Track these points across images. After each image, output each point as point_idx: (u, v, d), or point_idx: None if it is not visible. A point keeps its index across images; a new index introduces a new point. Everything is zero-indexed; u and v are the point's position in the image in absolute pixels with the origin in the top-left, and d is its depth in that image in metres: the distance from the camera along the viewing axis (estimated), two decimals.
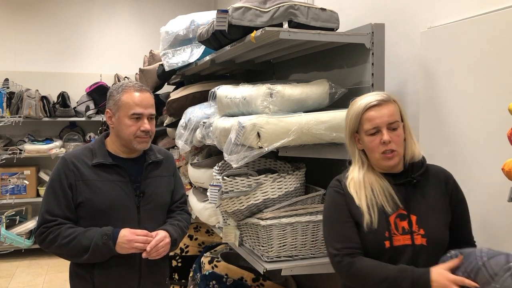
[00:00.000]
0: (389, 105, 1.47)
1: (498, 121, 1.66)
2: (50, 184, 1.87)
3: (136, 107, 1.85)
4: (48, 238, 1.80)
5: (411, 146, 1.50)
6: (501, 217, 1.67)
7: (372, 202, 1.44)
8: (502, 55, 1.64)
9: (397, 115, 1.48)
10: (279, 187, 2.01)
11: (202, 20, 2.97)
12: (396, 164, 1.48)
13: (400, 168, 1.50)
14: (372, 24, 1.95)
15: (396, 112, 1.48)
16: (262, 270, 1.94)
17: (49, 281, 4.37)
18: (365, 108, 1.47)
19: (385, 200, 1.44)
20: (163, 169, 2.03)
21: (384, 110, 1.45)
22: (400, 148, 1.47)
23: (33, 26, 5.50)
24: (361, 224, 1.45)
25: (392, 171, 1.50)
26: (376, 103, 1.46)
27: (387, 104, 1.46)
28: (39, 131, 5.49)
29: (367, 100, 1.48)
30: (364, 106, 1.48)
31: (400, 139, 1.47)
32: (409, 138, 1.51)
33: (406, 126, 1.51)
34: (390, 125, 1.45)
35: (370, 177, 1.48)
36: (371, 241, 1.43)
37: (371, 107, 1.47)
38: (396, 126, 1.46)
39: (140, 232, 1.82)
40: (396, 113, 1.47)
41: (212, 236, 3.46)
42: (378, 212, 1.43)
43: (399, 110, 1.50)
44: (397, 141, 1.45)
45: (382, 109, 1.46)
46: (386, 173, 1.50)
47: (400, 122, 1.49)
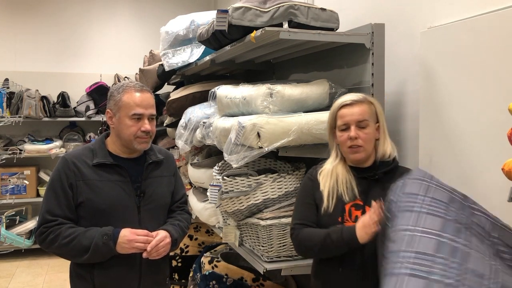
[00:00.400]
0: (362, 105, 1.62)
1: (498, 121, 1.66)
2: (51, 184, 1.87)
3: (136, 108, 1.85)
4: (49, 238, 1.80)
5: (383, 146, 1.63)
6: (501, 217, 1.67)
7: (333, 190, 1.61)
8: (502, 55, 1.64)
9: (368, 115, 1.62)
10: (279, 187, 2.01)
11: (202, 20, 2.98)
12: (362, 159, 1.62)
13: (368, 163, 1.63)
14: (372, 24, 1.95)
15: (367, 112, 1.62)
16: (262, 270, 1.94)
17: (49, 281, 4.37)
18: (339, 106, 1.65)
19: (345, 190, 1.60)
20: (163, 169, 2.03)
21: (355, 109, 1.61)
22: (367, 145, 1.61)
23: (33, 26, 5.50)
24: (319, 205, 1.64)
25: (360, 165, 1.64)
26: (349, 103, 1.62)
27: (360, 104, 1.62)
28: (39, 131, 5.49)
29: (342, 99, 1.65)
30: (339, 104, 1.65)
31: (368, 136, 1.61)
32: (383, 138, 1.63)
33: (381, 126, 1.64)
34: (359, 123, 1.60)
35: (339, 168, 1.65)
36: (325, 223, 1.60)
37: (344, 105, 1.63)
38: (364, 125, 1.61)
39: (140, 232, 1.82)
40: (366, 113, 1.61)
41: (212, 236, 3.46)
42: (336, 199, 1.60)
43: (374, 111, 1.64)
44: (364, 138, 1.60)
45: (354, 108, 1.61)
46: (355, 166, 1.65)
47: (372, 122, 1.62)
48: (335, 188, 1.61)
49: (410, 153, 2.17)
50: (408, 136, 2.19)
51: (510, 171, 1.21)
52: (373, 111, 1.64)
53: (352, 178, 1.62)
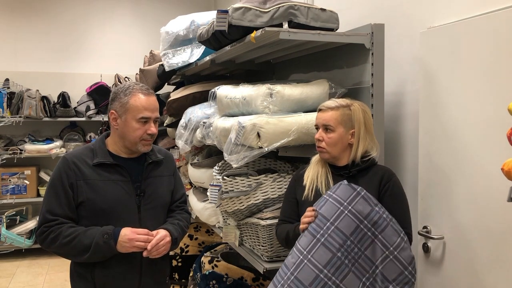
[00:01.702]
0: (333, 111, 1.73)
1: (497, 121, 1.66)
2: (51, 184, 1.87)
3: (144, 111, 1.86)
4: (49, 238, 1.81)
5: (355, 151, 1.73)
6: (501, 217, 1.67)
7: (313, 183, 1.76)
8: (502, 55, 1.64)
9: (336, 121, 1.72)
10: (279, 187, 2.01)
11: (202, 20, 2.98)
12: (327, 159, 1.77)
13: (342, 163, 1.76)
14: (372, 24, 1.95)
15: (336, 118, 1.72)
16: (262, 269, 1.94)
17: (50, 280, 4.38)
18: (318, 109, 1.79)
19: (323, 184, 1.74)
20: (163, 169, 2.03)
21: (325, 114, 1.74)
22: (330, 148, 1.73)
23: (34, 26, 5.51)
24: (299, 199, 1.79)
25: (336, 164, 1.77)
26: (323, 108, 1.75)
27: (332, 111, 1.73)
28: (40, 131, 5.50)
29: (323, 103, 1.78)
30: (319, 107, 1.79)
31: (331, 141, 1.72)
32: (356, 143, 1.73)
33: (356, 132, 1.73)
34: (325, 127, 1.73)
35: (320, 165, 1.79)
36: (305, 211, 1.67)
37: (320, 109, 1.77)
38: (329, 130, 1.72)
39: (141, 231, 1.83)
40: (333, 120, 1.72)
41: (212, 236, 3.46)
42: (315, 191, 1.74)
43: (350, 118, 1.73)
44: (327, 142, 1.73)
45: (325, 113, 1.74)
46: (332, 164, 1.78)
47: (341, 127, 1.72)
48: (315, 181, 1.76)
49: (410, 153, 2.17)
50: (408, 136, 2.19)
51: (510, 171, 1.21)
52: (348, 118, 1.73)
53: (330, 174, 1.76)
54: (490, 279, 1.72)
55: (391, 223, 1.57)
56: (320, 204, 1.60)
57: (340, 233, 1.53)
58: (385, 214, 1.57)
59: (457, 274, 1.87)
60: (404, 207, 1.71)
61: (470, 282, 1.81)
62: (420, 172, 2.05)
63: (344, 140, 1.73)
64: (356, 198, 1.57)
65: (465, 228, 1.82)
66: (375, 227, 1.55)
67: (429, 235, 1.98)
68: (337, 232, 1.53)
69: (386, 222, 1.56)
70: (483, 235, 1.75)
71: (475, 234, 1.78)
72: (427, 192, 2.02)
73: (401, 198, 1.71)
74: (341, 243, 1.53)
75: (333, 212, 1.56)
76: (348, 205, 1.56)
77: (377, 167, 1.76)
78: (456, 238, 1.88)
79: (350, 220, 1.54)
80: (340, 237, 1.53)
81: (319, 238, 1.54)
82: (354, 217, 1.54)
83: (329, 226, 1.54)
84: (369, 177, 1.72)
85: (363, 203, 1.56)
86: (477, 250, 1.77)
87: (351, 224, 1.54)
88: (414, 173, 2.13)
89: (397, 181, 1.73)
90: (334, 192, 1.59)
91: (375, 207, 1.57)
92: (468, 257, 1.81)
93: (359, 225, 1.54)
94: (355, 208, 1.55)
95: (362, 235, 1.54)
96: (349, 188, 1.58)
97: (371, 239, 1.55)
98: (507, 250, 1.65)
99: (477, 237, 1.77)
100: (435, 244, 1.97)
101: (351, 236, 1.53)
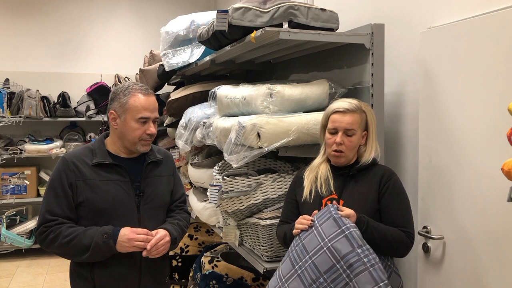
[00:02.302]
0: (353, 114, 1.71)
1: (497, 121, 1.66)
2: (51, 184, 1.87)
3: (144, 111, 1.87)
4: (49, 238, 1.81)
5: (366, 152, 1.74)
6: (501, 217, 1.67)
7: (313, 184, 1.76)
8: (502, 55, 1.64)
9: (357, 125, 1.71)
10: (279, 187, 2.01)
11: (202, 20, 2.98)
12: (342, 163, 1.75)
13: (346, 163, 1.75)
14: (372, 24, 1.95)
15: (357, 122, 1.71)
16: (262, 269, 1.94)
17: (50, 280, 4.38)
18: (333, 111, 1.73)
19: (324, 185, 1.73)
20: (162, 169, 2.03)
21: (346, 117, 1.70)
22: (349, 152, 1.72)
23: (34, 26, 5.51)
24: (299, 200, 1.79)
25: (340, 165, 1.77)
26: (342, 110, 1.71)
27: (351, 114, 1.71)
28: (40, 131, 5.50)
29: (337, 105, 1.73)
30: (333, 109, 1.73)
31: (352, 144, 1.71)
32: (369, 146, 1.74)
33: (369, 135, 1.75)
34: (347, 131, 1.70)
35: (321, 166, 1.78)
36: (305, 212, 1.69)
37: (337, 112, 1.72)
38: (351, 134, 1.70)
39: (140, 231, 1.83)
40: (355, 123, 1.70)
41: (212, 236, 3.46)
42: (315, 192, 1.74)
43: (365, 120, 1.73)
44: (348, 146, 1.71)
45: (345, 116, 1.70)
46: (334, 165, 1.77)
47: (359, 130, 1.72)
48: (315, 182, 1.76)
49: (410, 153, 2.17)
50: (408, 136, 2.19)
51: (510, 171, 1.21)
52: (363, 120, 1.73)
53: (330, 175, 1.75)
54: (490, 279, 1.72)
55: (370, 268, 1.44)
56: (306, 233, 1.57)
57: (315, 268, 1.50)
58: (367, 258, 1.46)
59: (457, 274, 1.87)
60: (405, 206, 1.71)
61: (470, 282, 1.81)
62: (420, 172, 2.05)
63: (359, 143, 1.74)
64: (339, 236, 1.49)
65: (465, 228, 1.82)
66: (350, 269, 1.46)
67: (429, 235, 1.98)
68: (312, 267, 1.50)
69: (363, 267, 1.44)
70: (483, 235, 1.75)
71: (475, 234, 1.78)
72: (427, 192, 2.02)
73: (401, 197, 1.71)
74: (314, 278, 1.49)
75: (314, 245, 1.53)
76: (329, 242, 1.50)
77: (378, 167, 1.76)
78: (456, 238, 1.87)
79: (327, 258, 1.49)
80: (314, 273, 1.49)
81: (297, 269, 1.54)
82: (331, 255, 1.48)
83: (307, 259, 1.52)
84: (369, 177, 1.72)
85: (344, 242, 1.48)
86: (477, 250, 1.77)
87: (327, 262, 1.48)
88: (414, 173, 2.13)
89: (397, 180, 1.73)
90: (320, 223, 1.55)
91: (357, 249, 1.46)
92: (468, 257, 1.81)
93: (335, 264, 1.47)
94: (334, 246, 1.48)
95: (337, 276, 1.47)
96: (334, 223, 1.52)
97: (346, 282, 1.46)
98: (507, 250, 1.65)
99: (477, 237, 1.77)
100: (435, 244, 1.97)
101: (325, 274, 1.48)
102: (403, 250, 1.67)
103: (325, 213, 1.56)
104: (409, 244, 1.67)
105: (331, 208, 1.56)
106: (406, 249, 1.67)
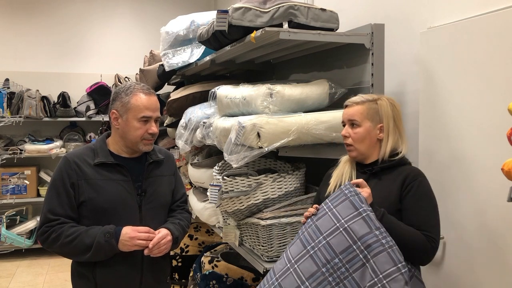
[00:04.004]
0: (359, 106, 1.68)
1: (497, 121, 1.66)
2: (52, 184, 1.87)
3: (146, 111, 1.87)
4: (51, 237, 1.81)
5: (385, 146, 1.67)
6: (501, 217, 1.67)
7: (337, 180, 1.72)
8: (502, 55, 1.64)
9: (362, 116, 1.66)
10: (279, 187, 2.01)
11: (202, 20, 2.98)
12: (355, 157, 1.71)
13: (371, 160, 1.69)
14: (372, 24, 1.96)
15: (362, 113, 1.66)
16: (262, 269, 1.94)
17: (50, 280, 4.38)
18: (344, 106, 1.75)
19: (346, 181, 1.67)
20: (163, 169, 2.03)
21: (350, 110, 1.69)
22: (357, 144, 1.67)
23: (34, 26, 5.51)
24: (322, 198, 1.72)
25: (363, 161, 1.71)
26: (349, 104, 1.71)
27: (357, 105, 1.68)
28: (40, 131, 5.50)
29: (348, 100, 1.73)
30: (344, 104, 1.75)
31: (357, 136, 1.67)
32: (386, 138, 1.67)
33: (385, 127, 1.67)
34: (351, 122, 1.69)
35: (347, 163, 1.75)
36: None
37: (346, 105, 1.73)
38: (355, 125, 1.67)
39: (142, 229, 1.83)
40: (359, 114, 1.66)
41: (212, 236, 3.46)
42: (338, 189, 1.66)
43: (377, 112, 1.67)
44: (354, 138, 1.68)
45: (350, 108, 1.70)
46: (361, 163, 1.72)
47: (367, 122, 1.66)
48: (339, 179, 1.72)
49: (410, 152, 2.17)
50: (408, 136, 2.19)
51: (510, 171, 1.21)
52: (374, 112, 1.66)
53: (354, 172, 1.71)
54: (490, 279, 1.72)
55: (389, 249, 1.42)
56: (319, 215, 1.54)
57: (330, 248, 1.46)
58: (385, 240, 1.44)
59: (457, 274, 1.87)
60: (429, 209, 1.59)
61: (470, 282, 1.81)
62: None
63: (372, 135, 1.66)
64: (356, 217, 1.46)
65: (465, 228, 1.82)
66: (368, 250, 1.43)
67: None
68: (327, 247, 1.47)
69: (382, 248, 1.42)
70: (483, 235, 1.75)
71: (475, 234, 1.78)
72: None
73: (426, 200, 1.59)
74: (328, 259, 1.46)
75: (329, 226, 1.49)
76: (345, 223, 1.47)
77: (406, 167, 1.66)
78: (456, 238, 1.88)
79: (343, 238, 1.46)
80: (329, 253, 1.46)
81: (309, 249, 1.50)
82: (348, 236, 1.45)
83: (321, 240, 1.49)
84: (393, 176, 1.64)
85: (362, 224, 1.45)
86: (477, 250, 1.77)
87: (343, 243, 1.45)
88: None
89: (423, 182, 1.61)
90: (335, 205, 1.51)
91: (374, 231, 1.44)
92: (468, 257, 1.81)
93: (351, 245, 1.45)
94: (351, 227, 1.45)
95: (353, 256, 1.44)
96: (351, 205, 1.48)
97: (362, 262, 1.44)
98: (507, 250, 1.65)
99: (477, 237, 1.77)
100: None
101: (341, 255, 1.45)
102: (421, 254, 1.54)
103: (340, 195, 1.52)
104: (428, 249, 1.53)
105: (345, 190, 1.51)
106: (425, 254, 1.54)
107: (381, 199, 1.59)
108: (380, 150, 1.67)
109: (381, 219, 1.50)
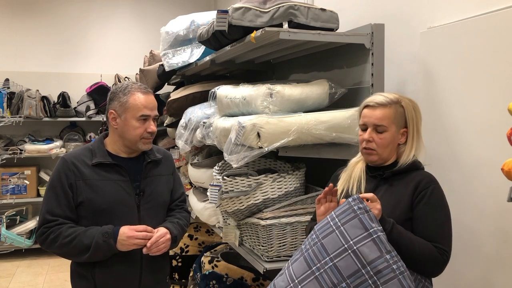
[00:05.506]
0: (385, 109, 1.56)
1: (497, 121, 1.66)
2: (51, 184, 1.88)
3: (144, 109, 1.88)
4: (49, 238, 1.81)
5: (409, 151, 1.59)
6: (501, 217, 1.67)
7: (346, 184, 1.65)
8: (502, 55, 1.64)
9: (389, 120, 1.56)
10: (279, 187, 2.01)
11: (202, 21, 2.98)
12: (375, 161, 1.61)
13: (388, 163, 1.61)
14: (372, 24, 1.95)
15: (389, 117, 1.56)
16: (262, 269, 1.94)
17: (50, 281, 4.38)
18: (364, 106, 1.62)
19: (355, 186, 1.62)
20: (162, 168, 2.04)
21: (376, 112, 1.57)
22: (381, 150, 1.57)
23: (34, 26, 5.51)
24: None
25: (377, 165, 1.63)
26: (372, 105, 1.58)
27: (383, 108, 1.56)
28: (40, 131, 5.50)
29: (369, 99, 1.61)
30: (365, 104, 1.62)
31: (383, 142, 1.57)
32: (409, 144, 1.59)
33: (410, 132, 1.59)
34: (377, 127, 1.57)
35: (357, 165, 1.67)
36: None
37: (367, 106, 1.60)
38: (382, 130, 1.56)
39: (139, 228, 1.84)
40: (386, 118, 1.56)
41: (212, 236, 3.46)
42: (345, 193, 1.63)
43: (402, 116, 1.58)
44: (379, 143, 1.57)
45: (375, 111, 1.57)
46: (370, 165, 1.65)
47: (393, 127, 1.57)
48: (347, 183, 1.65)
49: None
50: None
51: (510, 171, 1.21)
52: (400, 115, 1.57)
53: (363, 176, 1.63)
54: (490, 279, 1.72)
55: (400, 276, 1.34)
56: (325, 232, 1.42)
57: (337, 272, 1.36)
58: (396, 265, 1.35)
59: (457, 274, 1.87)
60: (442, 219, 1.51)
61: (470, 282, 1.81)
62: None
63: (396, 140, 1.58)
64: (366, 239, 1.36)
65: (465, 228, 1.82)
66: (378, 276, 1.33)
67: None
68: (334, 270, 1.36)
69: (393, 274, 1.33)
70: (483, 235, 1.75)
71: (475, 234, 1.78)
72: None
73: (438, 209, 1.51)
74: (335, 282, 1.36)
75: (336, 247, 1.38)
76: (354, 244, 1.36)
77: (419, 172, 1.58)
78: (456, 238, 1.87)
79: (352, 261, 1.35)
80: (336, 277, 1.36)
81: (314, 270, 1.39)
82: (356, 259, 1.35)
83: (328, 261, 1.38)
84: (405, 182, 1.55)
85: (372, 247, 1.35)
86: (477, 250, 1.77)
87: (352, 266, 1.35)
88: None
89: (436, 189, 1.53)
90: (343, 223, 1.40)
91: (385, 255, 1.35)
92: (468, 257, 1.81)
93: (360, 269, 1.34)
94: (360, 250, 1.35)
95: (362, 281, 1.34)
96: (360, 224, 1.38)
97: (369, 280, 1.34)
98: (507, 250, 1.65)
99: (477, 237, 1.77)
100: None
101: (348, 279, 1.35)
102: (432, 266, 1.46)
103: (348, 211, 1.41)
104: (439, 262, 1.46)
105: (354, 206, 1.40)
106: (436, 267, 1.46)
107: (391, 206, 1.52)
108: (402, 155, 1.58)
109: (390, 231, 1.43)
